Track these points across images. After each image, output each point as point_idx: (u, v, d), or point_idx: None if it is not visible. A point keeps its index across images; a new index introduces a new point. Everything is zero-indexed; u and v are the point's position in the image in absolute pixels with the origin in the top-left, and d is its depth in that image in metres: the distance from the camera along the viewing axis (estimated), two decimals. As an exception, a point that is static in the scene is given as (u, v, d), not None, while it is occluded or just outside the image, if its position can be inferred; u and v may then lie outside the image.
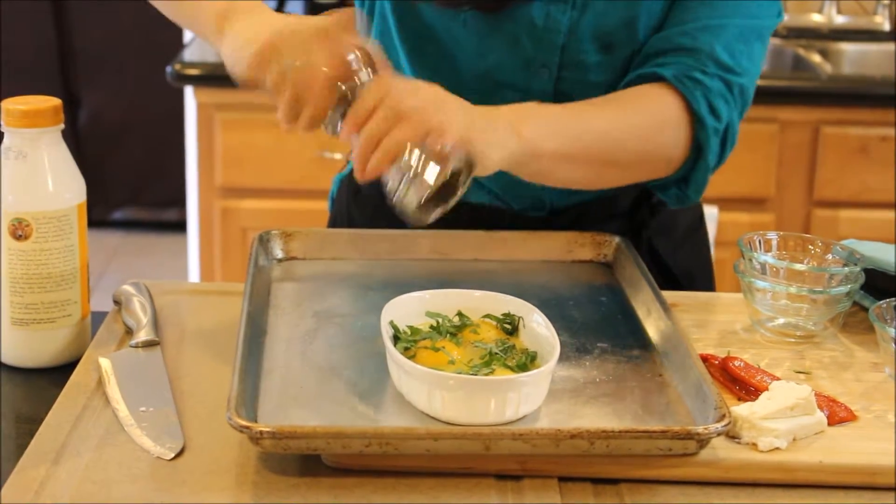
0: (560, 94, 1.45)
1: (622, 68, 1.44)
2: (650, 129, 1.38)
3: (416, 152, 1.17)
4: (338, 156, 2.78)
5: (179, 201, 3.81)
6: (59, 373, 1.22)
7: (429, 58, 1.47)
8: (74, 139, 4.28)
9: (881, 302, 1.25)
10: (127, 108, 4.39)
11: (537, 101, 1.36)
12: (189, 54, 2.91)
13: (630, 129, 1.38)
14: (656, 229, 1.56)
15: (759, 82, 1.46)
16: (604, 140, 1.35)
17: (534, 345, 1.16)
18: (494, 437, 1.03)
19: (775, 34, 3.23)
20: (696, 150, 1.39)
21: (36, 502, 0.99)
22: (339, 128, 1.22)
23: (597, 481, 1.05)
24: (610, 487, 1.05)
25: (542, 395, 1.11)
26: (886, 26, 3.30)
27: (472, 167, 1.20)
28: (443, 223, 1.26)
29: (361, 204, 1.60)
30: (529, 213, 1.52)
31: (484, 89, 1.45)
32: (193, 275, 3.05)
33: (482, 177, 1.26)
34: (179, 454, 1.07)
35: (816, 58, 3.09)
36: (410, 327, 1.18)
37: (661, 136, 1.38)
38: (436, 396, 1.07)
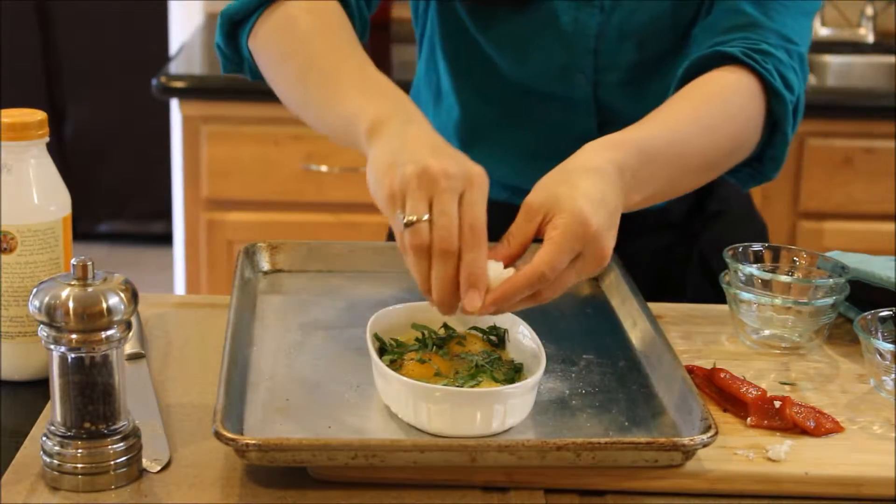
0: (601, 103, 1.45)
1: (657, 67, 1.44)
2: (739, 122, 1.32)
3: None
4: (323, 168, 2.78)
5: (165, 214, 3.81)
6: (45, 386, 1.21)
7: (474, 73, 1.47)
8: (60, 152, 4.27)
9: (866, 313, 1.26)
10: (112, 121, 4.39)
11: (581, 113, 1.36)
12: (174, 67, 2.91)
13: (722, 133, 1.30)
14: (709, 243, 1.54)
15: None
16: (702, 156, 1.28)
17: (520, 357, 1.16)
18: (481, 449, 1.03)
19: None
20: (772, 125, 1.35)
21: (21, 516, 0.99)
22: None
23: (583, 493, 1.05)
24: (596, 499, 1.05)
25: (529, 406, 1.11)
26: (870, 38, 3.31)
27: None
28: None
29: None
30: None
31: (528, 106, 1.45)
32: (179, 287, 3.04)
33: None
34: (165, 467, 1.06)
35: (801, 70, 3.10)
36: (396, 339, 1.18)
37: (749, 124, 1.32)
38: (422, 408, 1.07)
